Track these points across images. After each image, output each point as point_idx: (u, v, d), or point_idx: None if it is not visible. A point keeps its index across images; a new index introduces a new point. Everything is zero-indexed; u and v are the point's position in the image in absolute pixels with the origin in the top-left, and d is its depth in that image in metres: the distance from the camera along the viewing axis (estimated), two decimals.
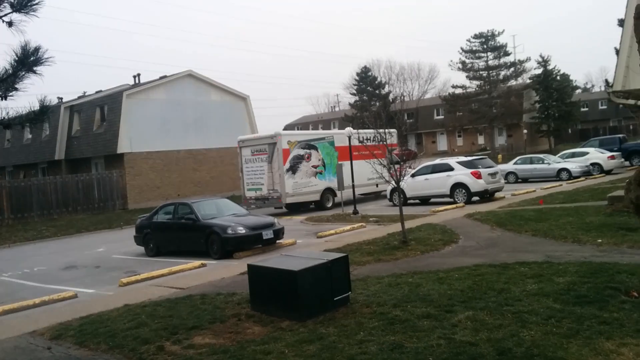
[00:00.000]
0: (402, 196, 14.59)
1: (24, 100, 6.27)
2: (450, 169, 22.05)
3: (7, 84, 5.97)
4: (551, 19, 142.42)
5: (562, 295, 7.43)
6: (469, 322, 6.66)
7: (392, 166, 13.30)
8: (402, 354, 5.86)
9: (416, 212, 19.41)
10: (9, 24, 5.79)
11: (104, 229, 25.16)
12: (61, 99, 39.71)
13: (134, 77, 38.61)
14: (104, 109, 34.65)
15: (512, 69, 58.80)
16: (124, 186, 31.77)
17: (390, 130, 16.39)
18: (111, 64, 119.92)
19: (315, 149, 24.84)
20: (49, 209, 29.04)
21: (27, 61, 5.95)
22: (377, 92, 67.18)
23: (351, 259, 9.71)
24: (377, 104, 59.85)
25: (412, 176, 21.29)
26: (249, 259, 12.48)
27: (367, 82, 67.71)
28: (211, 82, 37.27)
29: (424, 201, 22.98)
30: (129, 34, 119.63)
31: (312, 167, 24.54)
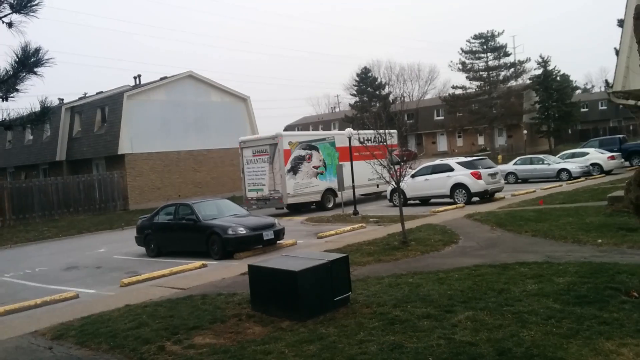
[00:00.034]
0: (402, 197, 14.60)
1: (24, 101, 6.29)
2: (450, 169, 22.05)
3: (7, 85, 5.98)
4: (551, 20, 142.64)
5: (562, 295, 7.44)
6: (469, 322, 6.67)
7: (392, 167, 13.30)
8: (402, 354, 5.87)
9: (416, 212, 19.42)
10: (9, 25, 5.79)
11: (105, 229, 25.18)
12: (62, 100, 39.76)
13: (135, 78, 38.69)
14: (104, 110, 34.70)
15: (512, 70, 58.82)
16: (125, 187, 31.80)
17: (390, 131, 16.41)
18: (112, 65, 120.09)
19: (316, 149, 24.87)
20: (50, 209, 29.08)
21: (28, 62, 5.96)
22: (377, 92, 67.23)
23: (351, 260, 9.72)
24: (377, 105, 59.91)
25: (412, 177, 21.33)
26: (250, 260, 12.51)
27: (367, 83, 67.76)
28: (211, 83, 37.29)
29: (424, 202, 22.99)
30: (129, 35, 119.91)
31: (313, 167, 24.56)
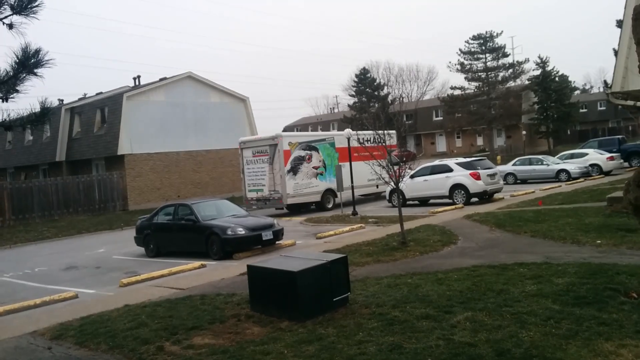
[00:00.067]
0: (401, 197, 14.61)
1: (24, 102, 6.30)
2: (449, 170, 22.05)
3: (8, 85, 5.99)
4: (550, 20, 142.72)
5: (561, 296, 7.44)
6: (468, 323, 6.68)
7: (391, 167, 13.32)
8: (401, 355, 5.88)
9: (415, 213, 19.42)
10: (10, 26, 5.80)
11: (105, 229, 25.18)
12: (62, 100, 39.76)
13: (134, 79, 38.72)
14: (104, 111, 34.70)
15: (510, 70, 58.89)
16: (125, 187, 31.80)
17: (389, 131, 16.42)
18: (111, 66, 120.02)
19: (316, 150, 24.89)
20: (50, 210, 29.08)
21: (28, 63, 5.97)
22: (376, 93, 67.28)
23: (350, 260, 9.72)
24: (376, 106, 59.97)
25: (411, 177, 21.29)
26: (249, 260, 12.51)
27: (366, 84, 67.78)
28: (211, 83, 37.29)
29: (423, 202, 22.98)
30: (129, 36, 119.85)
31: (312, 168, 24.59)
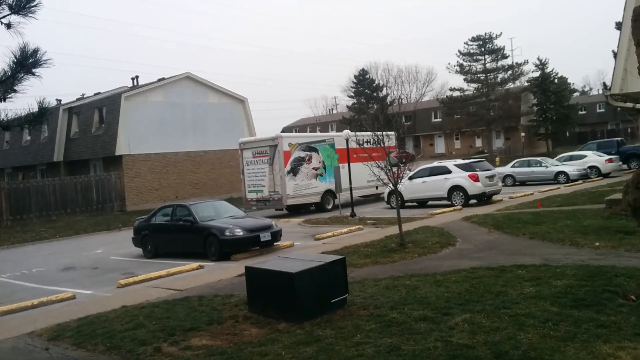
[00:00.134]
0: (399, 199, 14.61)
1: (22, 102, 6.27)
2: (447, 171, 22.05)
3: (5, 85, 5.97)
4: (549, 22, 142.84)
5: (559, 298, 7.44)
6: (466, 324, 6.67)
7: (390, 169, 13.31)
8: (399, 357, 5.86)
9: (414, 214, 19.42)
10: (8, 26, 5.78)
11: (102, 230, 25.14)
12: (60, 100, 39.77)
13: (132, 79, 38.71)
14: (102, 111, 34.67)
15: (509, 72, 59.00)
16: (122, 188, 31.77)
17: (388, 132, 16.43)
18: (109, 66, 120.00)
19: (315, 151, 24.91)
20: (48, 210, 29.05)
21: (26, 63, 5.94)
22: (374, 94, 67.30)
23: (348, 261, 9.71)
24: (375, 107, 59.97)
25: (410, 179, 21.33)
26: (247, 261, 12.49)
27: (364, 85, 67.81)
28: (209, 84, 37.27)
29: (422, 204, 22.99)
30: (127, 36, 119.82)
31: (312, 169, 24.60)
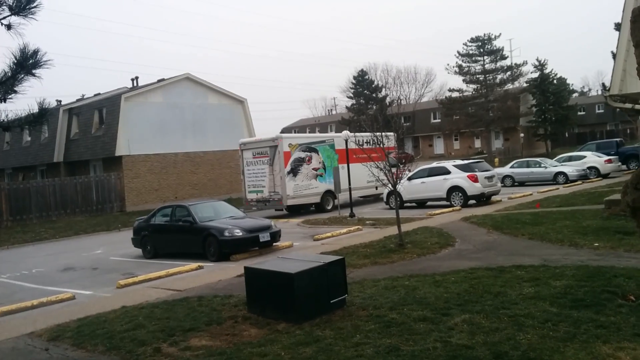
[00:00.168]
0: (398, 199, 14.62)
1: (23, 102, 6.29)
2: (446, 172, 22.06)
3: (6, 86, 5.98)
4: (548, 23, 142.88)
5: (558, 298, 7.44)
6: (466, 325, 6.68)
7: (389, 169, 13.32)
8: (398, 357, 5.87)
9: (413, 215, 19.43)
10: (8, 27, 5.79)
11: (102, 231, 25.14)
12: (60, 101, 39.75)
13: (132, 80, 38.61)
14: (102, 112, 34.66)
15: (508, 73, 59.06)
16: (122, 188, 31.76)
17: (387, 133, 16.46)
18: (109, 67, 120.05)
19: (315, 151, 24.93)
20: (48, 211, 29.05)
21: (26, 64, 5.96)
22: (374, 95, 67.33)
23: (348, 262, 9.71)
24: (374, 107, 60.02)
25: (409, 179, 21.33)
26: (246, 262, 12.49)
27: (363, 86, 67.83)
28: (209, 85, 37.26)
29: (421, 204, 23.00)
30: (127, 37, 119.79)
31: (312, 169, 24.62)
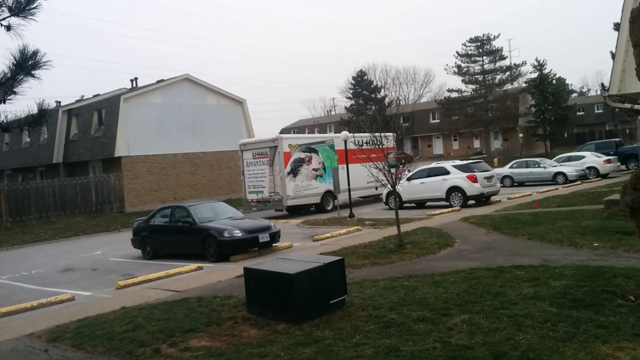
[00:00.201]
0: (398, 200, 14.62)
1: (22, 103, 6.30)
2: (446, 172, 22.06)
3: (5, 87, 5.99)
4: (547, 23, 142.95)
5: (558, 299, 7.45)
6: (465, 325, 6.68)
7: (388, 170, 13.32)
8: (398, 357, 5.88)
9: (412, 215, 19.44)
10: (8, 28, 5.81)
11: (102, 231, 25.12)
12: (59, 102, 39.69)
13: (131, 81, 38.56)
14: (101, 113, 34.65)
15: (507, 73, 59.09)
16: (121, 189, 31.75)
17: (386, 134, 16.45)
18: (108, 68, 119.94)
19: (315, 152, 24.94)
20: (47, 212, 29.03)
21: (26, 65, 5.97)
22: (372, 95, 67.38)
23: (347, 262, 9.72)
24: (373, 108, 60.04)
25: (408, 180, 21.32)
26: (245, 262, 12.48)
27: (362, 86, 67.89)
28: (208, 85, 37.25)
29: (420, 205, 23.00)
30: (126, 38, 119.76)
31: (312, 170, 24.62)
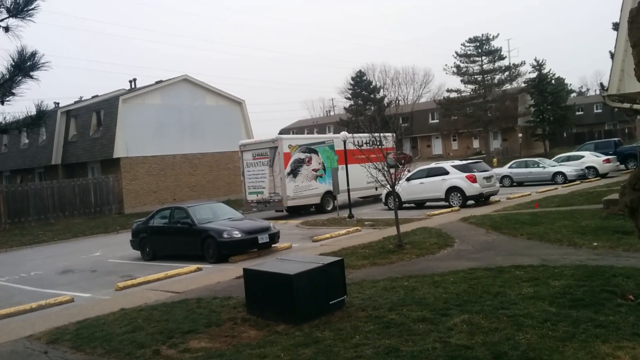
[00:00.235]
0: (397, 200, 14.62)
1: (20, 105, 6.29)
2: (445, 172, 22.07)
3: (4, 88, 5.99)
4: (546, 22, 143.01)
5: (557, 298, 7.45)
6: (465, 325, 6.68)
7: (387, 170, 13.31)
8: (398, 358, 5.87)
9: (411, 215, 19.44)
10: (6, 29, 5.81)
11: (100, 233, 25.10)
12: (58, 104, 39.63)
13: (130, 82, 38.51)
14: (100, 114, 34.62)
15: (506, 73, 59.05)
16: (120, 191, 31.72)
17: (386, 134, 16.47)
18: (107, 69, 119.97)
19: (315, 152, 24.95)
20: (46, 213, 29.00)
21: (24, 66, 5.97)
22: (372, 96, 67.39)
23: (346, 263, 9.71)
24: (372, 108, 60.02)
25: (408, 180, 21.33)
26: (245, 263, 12.49)
27: (362, 87, 67.90)
28: (207, 86, 37.21)
29: (420, 205, 23.00)
30: (124, 39, 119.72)
31: (312, 170, 24.63)
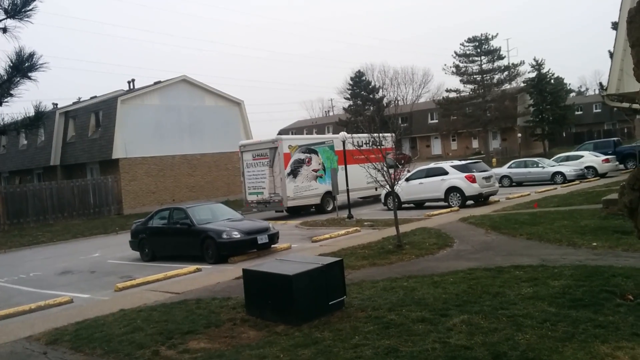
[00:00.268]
0: (396, 200, 14.61)
1: (19, 106, 6.29)
2: (444, 172, 22.06)
3: (2, 90, 5.98)
4: (545, 22, 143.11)
5: (557, 298, 7.44)
6: (464, 325, 6.67)
7: (387, 170, 13.31)
8: (397, 358, 5.87)
9: (411, 216, 19.43)
10: (4, 30, 5.80)
11: (100, 234, 25.09)
12: (56, 104, 39.63)
13: (129, 82, 38.47)
14: (98, 115, 34.61)
15: (506, 73, 59.10)
16: (119, 191, 31.72)
17: (385, 134, 16.48)
18: (105, 69, 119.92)
19: (315, 153, 24.96)
20: (45, 214, 29.01)
21: (22, 67, 5.96)
22: (371, 96, 67.39)
23: (346, 263, 9.71)
24: (371, 109, 60.02)
25: (407, 180, 21.33)
26: (244, 264, 12.48)
27: (361, 87, 67.90)
28: (205, 87, 37.21)
29: (419, 205, 23.00)
30: (123, 40, 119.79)
31: (312, 171, 24.64)
